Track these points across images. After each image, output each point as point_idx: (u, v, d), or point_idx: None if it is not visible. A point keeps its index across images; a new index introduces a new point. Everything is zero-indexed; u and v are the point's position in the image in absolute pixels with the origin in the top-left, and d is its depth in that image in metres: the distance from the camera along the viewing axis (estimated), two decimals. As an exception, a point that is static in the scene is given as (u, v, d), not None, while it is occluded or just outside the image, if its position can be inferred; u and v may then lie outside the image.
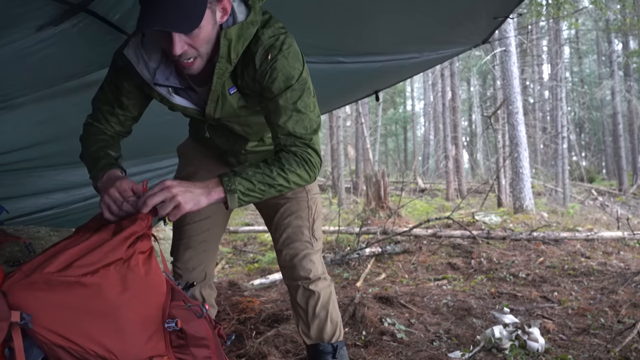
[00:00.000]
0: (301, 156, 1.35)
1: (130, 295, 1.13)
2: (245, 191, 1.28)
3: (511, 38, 8.89)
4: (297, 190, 1.76)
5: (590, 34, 22.09)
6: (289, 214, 1.75)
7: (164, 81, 1.40)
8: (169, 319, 1.18)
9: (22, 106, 2.07)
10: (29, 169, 2.71)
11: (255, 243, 6.27)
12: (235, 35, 1.29)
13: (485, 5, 2.29)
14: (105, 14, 1.58)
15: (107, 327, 1.10)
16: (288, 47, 1.34)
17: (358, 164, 16.31)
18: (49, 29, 1.52)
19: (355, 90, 3.61)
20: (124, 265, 1.15)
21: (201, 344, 1.20)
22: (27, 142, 2.40)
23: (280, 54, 1.32)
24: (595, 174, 19.87)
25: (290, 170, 1.33)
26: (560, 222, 7.06)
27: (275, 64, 1.32)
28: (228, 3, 1.27)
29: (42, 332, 1.04)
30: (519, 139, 8.95)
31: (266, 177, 1.31)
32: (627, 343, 2.39)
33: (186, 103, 1.46)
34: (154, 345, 1.15)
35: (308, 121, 1.37)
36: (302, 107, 1.35)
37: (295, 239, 1.74)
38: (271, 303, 3.19)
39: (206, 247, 1.77)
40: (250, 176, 1.29)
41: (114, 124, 1.52)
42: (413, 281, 4.13)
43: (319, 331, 1.76)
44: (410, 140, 27.97)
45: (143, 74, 1.37)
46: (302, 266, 1.72)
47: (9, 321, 0.99)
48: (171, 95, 1.43)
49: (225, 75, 1.36)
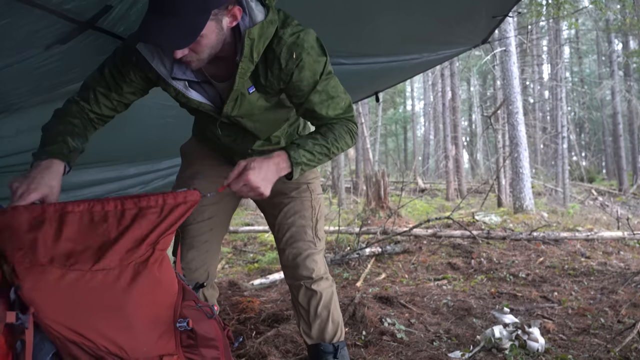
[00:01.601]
0: (346, 126, 1.50)
1: (143, 293, 1.14)
2: (307, 162, 1.41)
3: (511, 38, 8.89)
4: (301, 190, 1.78)
5: (590, 34, 22.09)
6: (292, 213, 1.76)
7: (182, 75, 1.40)
8: (180, 318, 1.19)
9: (22, 110, 2.07)
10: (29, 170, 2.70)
11: (255, 243, 6.27)
12: (257, 35, 1.31)
13: (484, 4, 2.29)
14: (111, 28, 1.58)
15: (118, 323, 1.11)
16: (310, 44, 1.39)
17: (358, 164, 16.31)
18: (56, 47, 1.52)
19: (355, 92, 3.62)
20: (142, 264, 1.16)
21: (211, 345, 1.21)
22: (27, 146, 2.40)
23: (304, 52, 1.37)
24: (595, 174, 19.87)
25: (342, 138, 1.49)
26: (560, 222, 7.06)
27: (301, 63, 1.37)
28: (238, 10, 1.28)
29: (55, 326, 1.05)
30: (519, 139, 8.95)
31: (324, 148, 1.45)
32: (627, 343, 2.39)
33: (201, 98, 1.46)
34: (164, 344, 1.16)
35: (341, 101, 1.49)
36: (333, 93, 1.47)
37: (298, 239, 1.74)
38: (271, 303, 3.19)
39: (209, 248, 1.77)
40: (311, 148, 1.42)
41: (103, 107, 1.47)
42: (413, 281, 4.13)
43: (320, 331, 1.76)
44: (410, 140, 27.97)
45: (159, 70, 1.37)
46: (305, 266, 1.72)
47: (4, 322, 0.99)
48: (187, 90, 1.43)
49: (247, 75, 1.38)
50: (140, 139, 2.66)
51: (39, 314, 1.05)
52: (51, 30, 1.43)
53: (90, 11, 1.41)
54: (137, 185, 3.38)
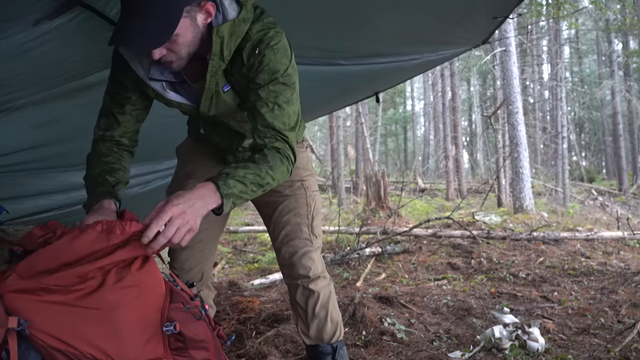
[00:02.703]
0: (284, 153, 1.36)
1: (129, 298, 1.13)
2: (239, 194, 1.25)
3: (511, 38, 8.90)
4: (295, 188, 1.75)
5: (590, 34, 22.09)
6: (287, 211, 1.74)
7: (159, 75, 1.39)
8: (167, 322, 1.17)
9: (23, 109, 2.07)
10: (29, 170, 2.71)
11: (255, 243, 6.27)
12: (228, 33, 1.30)
13: (484, 5, 2.29)
14: (102, 8, 1.57)
15: (104, 330, 1.09)
16: (277, 42, 1.35)
17: (358, 164, 16.31)
18: (45, 23, 1.51)
19: (355, 92, 3.62)
20: (124, 269, 1.15)
21: (200, 346, 1.19)
22: (28, 144, 2.41)
23: (268, 49, 1.33)
24: (595, 174, 19.86)
25: (276, 168, 1.33)
26: (560, 222, 7.06)
27: (262, 58, 1.33)
28: (211, 6, 1.27)
29: (39, 335, 1.04)
30: (519, 139, 8.95)
31: (257, 177, 1.29)
32: (627, 343, 2.39)
33: (180, 99, 1.45)
34: (152, 349, 1.14)
35: (287, 117, 1.37)
36: (283, 102, 1.36)
37: (294, 237, 1.72)
38: (271, 303, 3.19)
39: (203, 247, 1.74)
40: (242, 178, 1.26)
41: (127, 124, 1.48)
42: (413, 281, 4.14)
43: (318, 331, 1.75)
44: (410, 140, 27.96)
45: (137, 70, 1.37)
46: (302, 264, 1.71)
47: (6, 327, 0.99)
48: (165, 91, 1.42)
49: (218, 73, 1.36)
50: (142, 138, 2.66)
51: None
52: (39, 5, 1.42)
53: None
54: (137, 185, 3.38)
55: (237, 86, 1.41)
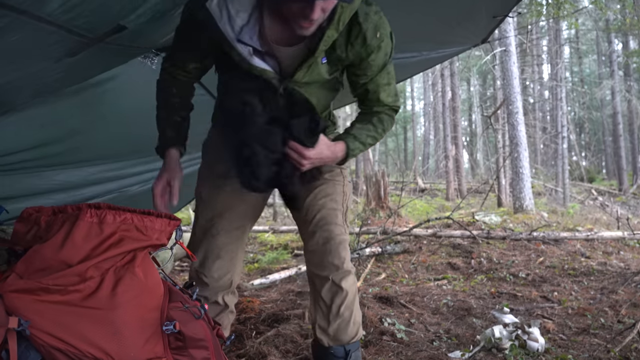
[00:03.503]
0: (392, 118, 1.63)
1: (128, 297, 1.13)
2: (357, 152, 1.56)
3: (511, 38, 8.89)
4: (335, 174, 1.72)
5: (590, 33, 22.09)
6: (323, 195, 1.67)
7: (248, 40, 1.36)
8: (167, 321, 1.18)
9: (23, 109, 2.06)
10: (29, 169, 2.71)
11: (255, 243, 6.27)
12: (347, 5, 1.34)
13: (484, 3, 2.29)
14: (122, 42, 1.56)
15: (104, 329, 1.10)
16: (388, 26, 1.47)
17: (358, 163, 16.32)
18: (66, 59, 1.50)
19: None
20: (123, 268, 1.15)
21: (200, 345, 1.19)
22: (28, 144, 2.40)
23: (385, 33, 1.45)
24: (595, 174, 19.87)
25: (386, 131, 1.61)
26: (560, 222, 7.06)
27: (382, 43, 1.45)
28: None
29: (39, 334, 1.04)
30: (519, 138, 8.95)
31: (374, 140, 1.58)
32: (627, 343, 2.39)
33: (265, 65, 1.43)
34: (152, 348, 1.15)
35: (394, 89, 1.59)
36: (392, 79, 1.56)
37: (330, 221, 1.63)
38: (271, 303, 3.19)
39: (233, 256, 1.69)
40: (365, 139, 1.56)
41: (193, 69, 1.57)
42: (413, 281, 4.13)
43: (339, 331, 1.67)
44: (410, 140, 27.97)
45: (225, 30, 1.34)
46: (337, 252, 1.62)
47: (7, 327, 0.99)
48: (251, 57, 1.39)
49: (329, 43, 1.39)
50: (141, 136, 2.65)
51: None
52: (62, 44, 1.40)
53: (101, 29, 1.37)
54: (135, 184, 3.38)
55: (337, 60, 1.46)
